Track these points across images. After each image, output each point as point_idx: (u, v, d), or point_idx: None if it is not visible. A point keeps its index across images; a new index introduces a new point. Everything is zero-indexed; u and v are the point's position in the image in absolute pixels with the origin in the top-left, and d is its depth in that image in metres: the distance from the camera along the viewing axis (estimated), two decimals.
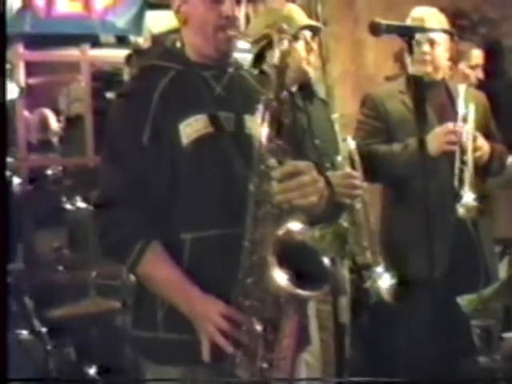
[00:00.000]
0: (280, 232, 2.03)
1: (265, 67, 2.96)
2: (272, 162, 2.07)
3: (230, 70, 2.33)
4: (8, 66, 4.90)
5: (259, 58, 3.05)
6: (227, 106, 2.26)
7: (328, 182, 2.17)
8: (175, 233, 2.20)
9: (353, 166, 3.15)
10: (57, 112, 6.06)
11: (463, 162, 3.45)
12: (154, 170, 2.20)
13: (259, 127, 2.10)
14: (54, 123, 5.85)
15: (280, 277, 1.98)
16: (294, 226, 2.04)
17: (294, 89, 3.16)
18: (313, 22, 3.30)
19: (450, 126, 3.48)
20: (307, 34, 3.17)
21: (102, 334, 4.10)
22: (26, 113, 5.49)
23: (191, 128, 2.20)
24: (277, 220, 2.06)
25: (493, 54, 5.26)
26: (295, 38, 3.03)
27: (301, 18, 3.20)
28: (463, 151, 3.46)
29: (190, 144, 2.20)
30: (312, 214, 2.10)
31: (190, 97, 2.24)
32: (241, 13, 2.27)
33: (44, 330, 3.77)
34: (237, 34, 2.24)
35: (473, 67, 4.24)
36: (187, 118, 2.21)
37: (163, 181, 2.21)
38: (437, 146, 3.42)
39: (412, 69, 3.09)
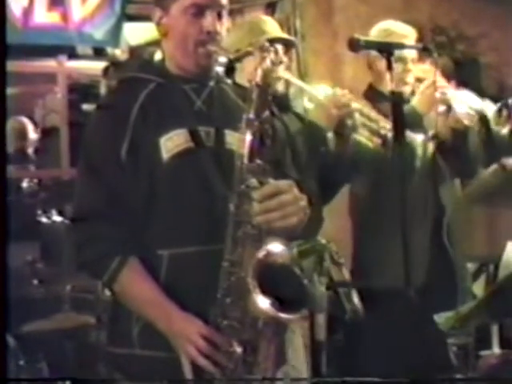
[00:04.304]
0: (260, 254, 2.01)
1: (237, 79, 2.94)
2: (252, 181, 2.07)
3: (211, 83, 2.31)
4: None
5: (229, 70, 3.03)
6: (207, 121, 2.24)
7: (310, 200, 2.16)
8: (152, 249, 2.17)
9: None
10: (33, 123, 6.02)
11: None
12: (131, 185, 2.17)
13: (240, 142, 2.09)
14: (32, 133, 5.80)
15: (262, 301, 1.97)
16: (275, 247, 2.03)
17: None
18: (284, 35, 3.26)
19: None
20: (278, 47, 3.12)
21: (75, 349, 4.06)
22: None
23: (172, 142, 2.18)
24: (256, 241, 2.05)
25: (470, 71, 5.31)
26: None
27: (272, 30, 3.17)
28: None
29: (170, 159, 2.17)
30: (293, 233, 2.10)
31: (170, 110, 2.22)
32: (222, 28, 2.25)
33: (16, 344, 3.72)
34: (217, 50, 2.23)
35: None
36: (168, 132, 2.18)
37: (140, 195, 2.18)
38: (427, 102, 3.44)
39: (391, 84, 3.09)
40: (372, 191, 3.57)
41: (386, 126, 3.21)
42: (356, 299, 3.15)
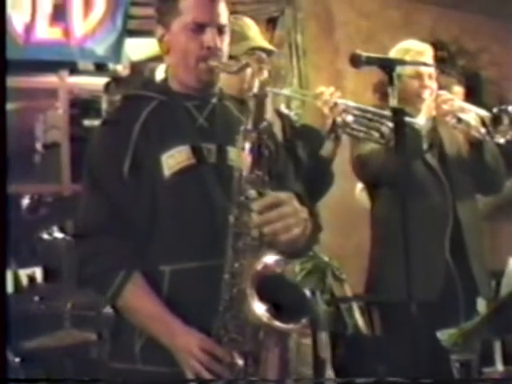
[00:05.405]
0: (258, 266, 2.01)
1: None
2: (252, 192, 2.07)
3: (213, 100, 2.31)
4: None
5: None
6: (210, 137, 2.24)
7: (311, 212, 2.15)
8: (154, 264, 2.17)
9: None
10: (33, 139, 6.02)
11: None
12: (133, 201, 2.18)
13: (241, 157, 2.09)
14: None
15: (259, 309, 1.97)
16: (272, 258, 2.02)
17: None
18: (266, 44, 3.23)
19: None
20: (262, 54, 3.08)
21: (76, 366, 4.04)
22: None
23: (174, 160, 2.19)
24: (257, 252, 2.04)
25: (471, 85, 5.31)
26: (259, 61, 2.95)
27: (254, 36, 3.15)
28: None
29: (172, 175, 2.18)
30: (294, 246, 2.09)
31: (172, 128, 2.22)
32: (223, 43, 2.26)
33: (17, 361, 3.71)
34: (219, 65, 2.23)
35: None
36: (169, 150, 2.19)
37: (143, 211, 2.18)
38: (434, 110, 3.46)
39: (393, 100, 3.09)
40: (392, 207, 3.56)
41: (384, 114, 3.18)
42: (358, 314, 3.14)
